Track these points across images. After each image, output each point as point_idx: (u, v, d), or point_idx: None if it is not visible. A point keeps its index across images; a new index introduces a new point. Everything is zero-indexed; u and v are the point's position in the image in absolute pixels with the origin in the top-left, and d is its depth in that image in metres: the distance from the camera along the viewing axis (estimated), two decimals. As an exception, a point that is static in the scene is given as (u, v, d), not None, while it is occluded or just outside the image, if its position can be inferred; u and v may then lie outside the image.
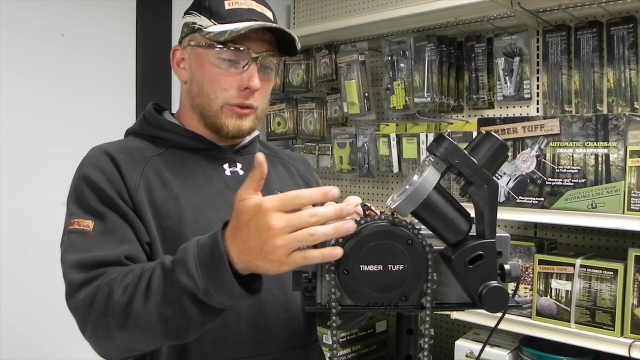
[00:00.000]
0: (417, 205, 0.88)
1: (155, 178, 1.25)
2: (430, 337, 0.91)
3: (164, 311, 0.99)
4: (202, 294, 0.96)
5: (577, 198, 1.90)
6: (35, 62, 2.48)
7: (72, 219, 1.19)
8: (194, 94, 1.31)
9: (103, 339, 1.08)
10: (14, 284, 2.42)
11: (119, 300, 1.02)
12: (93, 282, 1.08)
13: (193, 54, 1.30)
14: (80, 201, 1.21)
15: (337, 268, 0.89)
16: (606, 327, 1.90)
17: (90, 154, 1.28)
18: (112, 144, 1.31)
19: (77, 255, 1.13)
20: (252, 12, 1.28)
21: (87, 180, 1.21)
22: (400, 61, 2.69)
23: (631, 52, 2.13)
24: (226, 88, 1.26)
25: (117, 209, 1.19)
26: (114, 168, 1.23)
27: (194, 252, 0.98)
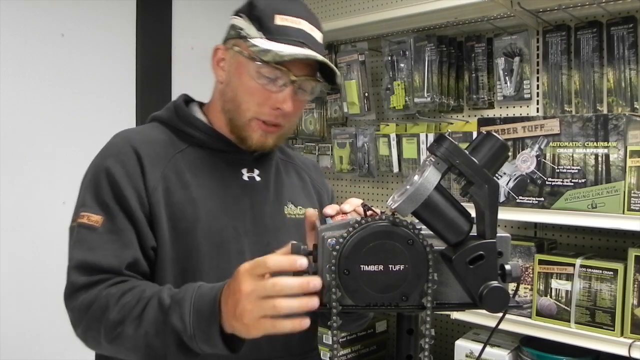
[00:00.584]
0: (417, 205, 0.88)
1: (175, 178, 1.25)
2: (430, 338, 0.91)
3: (150, 341, 1.07)
4: (187, 338, 1.03)
5: (577, 198, 1.90)
6: (35, 62, 2.48)
7: (84, 211, 1.20)
8: (226, 99, 1.30)
9: (92, 342, 1.16)
10: (13, 284, 2.41)
11: (113, 318, 1.08)
12: (93, 288, 1.13)
13: (234, 59, 1.29)
14: (96, 193, 1.21)
15: (338, 268, 0.89)
16: (606, 327, 1.90)
17: (114, 143, 1.28)
18: (138, 133, 1.31)
19: (82, 254, 1.16)
20: (301, 33, 1.25)
21: (108, 173, 1.22)
22: (400, 61, 2.69)
23: (631, 52, 2.13)
24: (259, 103, 1.25)
25: (128, 210, 1.19)
26: (137, 164, 1.23)
27: (191, 298, 1.04)
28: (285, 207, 1.37)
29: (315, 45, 1.27)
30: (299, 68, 1.24)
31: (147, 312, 1.07)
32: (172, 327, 1.04)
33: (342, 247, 0.89)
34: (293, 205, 1.38)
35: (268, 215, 1.33)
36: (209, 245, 1.23)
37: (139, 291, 1.11)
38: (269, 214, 1.33)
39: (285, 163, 1.46)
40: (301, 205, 1.40)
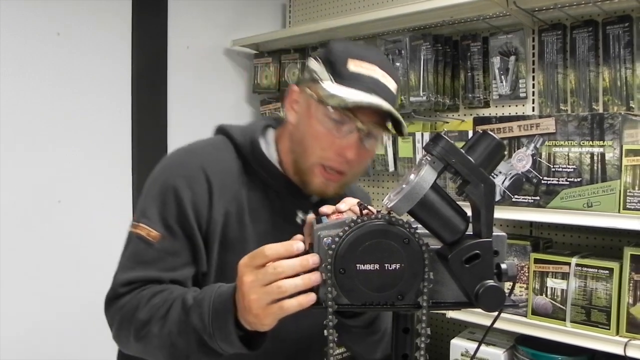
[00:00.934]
0: (413, 204, 0.87)
1: (235, 216, 1.27)
2: (427, 337, 0.91)
3: (174, 340, 1.10)
4: (207, 337, 1.06)
5: (573, 197, 1.90)
6: (31, 61, 2.47)
7: (145, 222, 1.23)
8: (294, 140, 1.29)
9: (124, 341, 1.20)
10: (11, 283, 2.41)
11: (141, 317, 1.13)
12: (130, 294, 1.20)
13: (305, 102, 1.27)
14: (161, 209, 1.23)
15: (334, 267, 0.89)
16: (602, 326, 1.90)
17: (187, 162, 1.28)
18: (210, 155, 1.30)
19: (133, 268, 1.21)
20: (372, 80, 1.23)
21: (176, 194, 1.23)
22: (396, 60, 2.68)
23: (627, 51, 2.13)
24: (323, 148, 1.24)
25: (189, 234, 1.22)
26: (206, 193, 1.24)
27: (211, 298, 1.07)
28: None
29: (387, 93, 1.23)
30: (367, 115, 1.21)
31: (171, 312, 1.11)
32: (192, 326, 1.07)
33: (337, 246, 0.89)
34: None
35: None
36: None
37: (167, 293, 1.16)
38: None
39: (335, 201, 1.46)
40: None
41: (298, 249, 0.95)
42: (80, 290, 2.59)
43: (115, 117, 2.74)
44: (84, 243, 2.62)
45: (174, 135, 2.94)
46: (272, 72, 3.21)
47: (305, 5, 3.26)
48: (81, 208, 2.63)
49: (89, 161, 2.65)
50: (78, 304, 2.57)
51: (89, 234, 2.64)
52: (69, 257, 2.58)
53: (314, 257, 0.93)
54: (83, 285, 2.60)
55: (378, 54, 1.29)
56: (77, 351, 2.57)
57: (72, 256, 2.59)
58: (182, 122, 2.99)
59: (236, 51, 3.27)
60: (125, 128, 2.78)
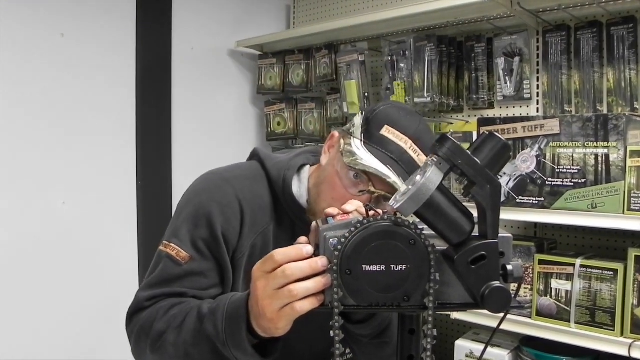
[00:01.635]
0: (419, 205, 0.87)
1: (260, 249, 1.30)
2: (433, 338, 0.91)
3: (189, 349, 1.13)
4: (221, 345, 1.08)
5: (577, 198, 1.90)
6: (35, 62, 2.48)
7: (176, 243, 1.27)
8: (315, 182, 1.34)
9: (141, 353, 1.22)
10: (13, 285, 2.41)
11: (158, 328, 1.16)
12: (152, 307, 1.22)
13: (335, 151, 1.31)
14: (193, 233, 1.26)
15: (340, 268, 0.89)
16: (606, 327, 1.90)
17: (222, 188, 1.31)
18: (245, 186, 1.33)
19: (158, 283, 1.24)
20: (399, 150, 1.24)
21: (209, 219, 1.26)
22: (400, 61, 2.69)
23: (631, 52, 2.13)
24: (334, 198, 1.26)
25: (218, 257, 1.26)
26: (239, 224, 1.28)
27: (225, 306, 1.09)
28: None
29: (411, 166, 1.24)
30: (381, 182, 1.23)
31: (186, 322, 1.13)
32: (206, 334, 1.09)
33: (344, 247, 0.89)
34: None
35: None
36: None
37: (185, 305, 1.18)
38: None
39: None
40: None
41: (307, 252, 0.95)
42: (85, 292, 2.60)
43: (119, 118, 2.74)
44: (88, 244, 2.63)
45: (178, 137, 2.95)
46: (276, 73, 3.22)
47: (310, 6, 3.26)
48: (85, 209, 2.63)
49: (93, 162, 2.65)
50: (82, 306, 2.58)
51: (92, 235, 2.64)
52: (72, 259, 2.58)
53: (323, 259, 0.93)
54: (87, 287, 2.61)
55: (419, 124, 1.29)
56: (82, 353, 2.58)
57: (75, 258, 2.59)
58: (186, 123, 3.00)
59: (240, 52, 3.28)
60: (129, 129, 2.79)
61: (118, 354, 1.41)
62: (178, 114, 2.97)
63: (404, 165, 1.23)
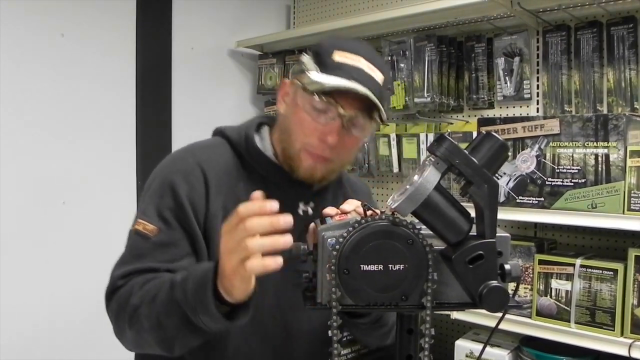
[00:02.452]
0: (417, 205, 0.88)
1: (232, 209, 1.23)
2: (430, 337, 0.91)
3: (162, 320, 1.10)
4: (190, 311, 1.06)
5: (577, 198, 1.90)
6: (35, 62, 2.48)
7: (143, 218, 1.25)
8: (282, 129, 1.33)
9: (121, 333, 1.21)
10: (14, 284, 2.42)
11: (134, 302, 1.14)
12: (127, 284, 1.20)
13: (293, 93, 1.30)
14: (158, 204, 1.25)
15: (338, 267, 0.89)
16: (606, 327, 1.90)
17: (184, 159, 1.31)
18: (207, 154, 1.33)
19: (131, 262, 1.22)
20: (356, 70, 1.23)
21: (173, 189, 1.25)
22: (400, 61, 2.69)
23: (631, 52, 2.13)
24: (306, 134, 1.26)
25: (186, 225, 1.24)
26: (203, 189, 1.26)
27: (194, 273, 1.08)
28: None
29: (371, 83, 1.23)
30: (349, 103, 1.22)
31: (159, 294, 1.11)
32: (176, 301, 1.07)
33: (342, 246, 0.89)
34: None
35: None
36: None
37: (159, 279, 1.16)
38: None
39: (337, 192, 1.45)
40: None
41: (271, 208, 0.95)
42: (85, 291, 2.59)
43: (119, 117, 2.74)
44: (88, 244, 2.63)
45: (179, 136, 2.95)
46: (276, 73, 3.21)
47: (310, 6, 3.26)
48: (86, 209, 2.63)
49: (94, 162, 2.65)
50: (82, 305, 2.58)
51: (93, 235, 2.64)
52: (73, 259, 2.58)
53: (287, 217, 0.94)
54: (87, 287, 2.60)
55: (366, 47, 1.30)
56: (82, 352, 2.58)
57: (76, 257, 2.59)
58: (186, 123, 2.99)
59: (240, 52, 3.28)
60: (129, 129, 2.79)
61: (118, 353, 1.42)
62: (178, 114, 2.97)
63: (365, 81, 1.22)
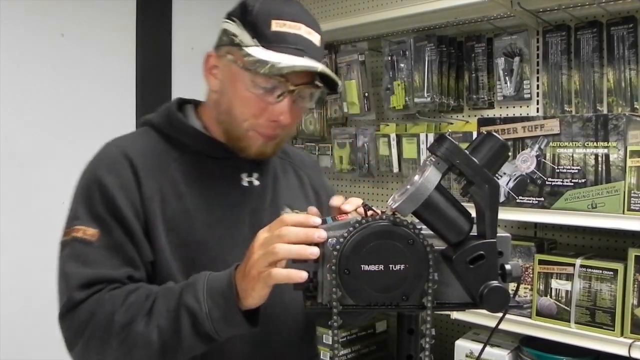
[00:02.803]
0: (418, 205, 0.88)
1: (171, 190, 1.20)
2: (431, 337, 0.91)
3: (163, 329, 1.05)
4: (202, 317, 1.03)
5: (577, 198, 1.90)
6: (35, 62, 2.48)
7: (78, 224, 1.15)
8: (221, 109, 1.24)
9: (94, 351, 1.09)
10: (13, 286, 2.41)
11: (121, 320, 1.06)
12: (91, 298, 1.10)
13: (227, 68, 1.21)
14: (89, 205, 1.16)
15: (338, 268, 0.89)
16: (606, 327, 1.90)
17: (107, 152, 1.23)
18: (131, 142, 1.26)
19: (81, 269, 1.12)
20: (299, 39, 1.17)
21: (100, 184, 1.17)
22: (400, 61, 2.69)
23: (631, 52, 2.13)
24: (256, 114, 1.19)
25: (124, 223, 1.15)
26: (131, 174, 1.18)
27: (204, 280, 1.05)
28: (282, 213, 1.31)
29: (315, 50, 1.20)
30: (297, 76, 1.17)
31: (157, 304, 1.06)
32: (186, 307, 1.03)
33: (342, 246, 0.89)
34: (290, 209, 1.34)
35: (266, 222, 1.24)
36: (207, 258, 1.19)
37: (145, 289, 1.10)
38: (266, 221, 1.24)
39: (283, 162, 1.41)
40: (298, 208, 1.35)
41: (314, 222, 0.96)
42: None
43: (119, 118, 2.74)
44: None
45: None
46: (276, 73, 3.21)
47: (310, 6, 3.26)
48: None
49: (94, 162, 2.65)
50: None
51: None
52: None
53: (321, 232, 0.94)
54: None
55: (299, 7, 1.22)
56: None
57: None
58: (186, 123, 2.99)
59: (240, 52, 3.27)
60: (129, 129, 2.75)
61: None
62: (178, 114, 2.97)
63: (310, 51, 1.18)
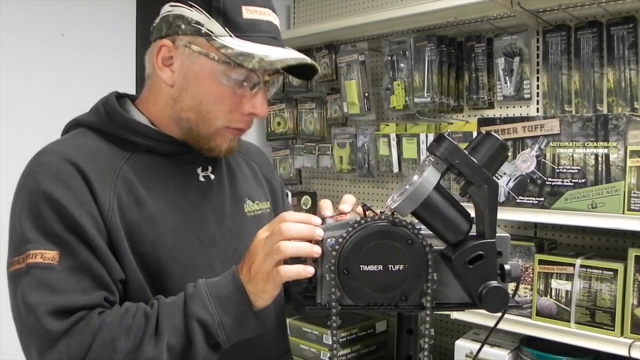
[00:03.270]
0: (417, 205, 0.88)
1: (128, 195, 1.09)
2: (430, 337, 0.91)
3: (174, 347, 0.99)
4: (215, 328, 0.99)
5: (577, 198, 1.90)
6: (35, 62, 2.48)
7: (32, 249, 1.00)
8: (184, 107, 1.14)
9: None
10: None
11: (124, 346, 0.97)
12: (73, 329, 0.98)
13: (192, 61, 1.11)
14: (41, 225, 1.01)
15: (338, 268, 0.89)
16: (606, 327, 1.90)
17: (47, 162, 1.08)
18: (71, 147, 1.12)
19: (50, 298, 0.98)
20: (271, 26, 1.12)
21: (50, 199, 1.02)
22: (400, 61, 2.69)
23: (631, 52, 2.13)
24: (230, 110, 1.12)
25: (87, 240, 1.02)
26: (83, 184, 1.05)
27: (205, 289, 1.01)
28: (245, 205, 1.27)
29: (279, 36, 1.15)
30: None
31: (162, 323, 0.99)
32: (197, 319, 0.98)
33: (341, 247, 0.89)
34: (250, 200, 1.29)
35: (229, 216, 1.23)
36: (177, 265, 1.11)
37: (138, 309, 1.01)
38: (229, 215, 1.23)
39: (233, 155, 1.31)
40: (257, 199, 1.31)
41: (315, 221, 0.97)
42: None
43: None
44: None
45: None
46: (276, 73, 3.21)
47: (310, 6, 3.26)
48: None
49: (94, 162, 2.65)
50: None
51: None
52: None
53: (321, 230, 0.95)
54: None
55: None
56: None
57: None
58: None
59: (240, 52, 3.27)
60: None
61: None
62: (178, 114, 2.97)
63: (279, 37, 1.14)
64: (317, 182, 3.26)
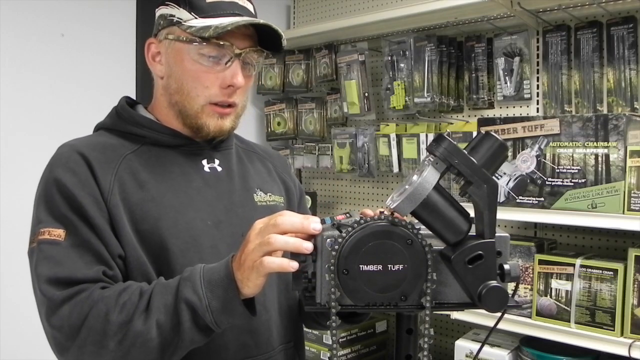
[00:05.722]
0: (416, 205, 0.88)
1: (131, 179, 1.19)
2: (430, 337, 0.91)
3: (163, 325, 1.04)
4: (202, 310, 1.02)
5: (577, 198, 1.90)
6: (35, 62, 2.48)
7: (42, 227, 1.13)
8: (172, 91, 1.26)
9: (90, 355, 1.06)
10: (14, 286, 2.42)
11: (117, 319, 1.03)
12: (75, 298, 1.06)
13: (171, 48, 1.24)
14: (50, 207, 1.14)
15: (337, 268, 0.89)
16: (606, 327, 1.90)
17: (60, 153, 1.22)
18: (83, 140, 1.26)
19: (52, 270, 1.09)
20: (234, 5, 1.23)
21: (58, 184, 1.15)
22: (400, 61, 2.69)
23: (631, 52, 2.13)
24: (208, 86, 1.22)
25: (88, 220, 1.12)
26: (87, 169, 1.17)
27: (200, 272, 1.05)
28: (255, 195, 1.34)
29: (251, 14, 1.25)
30: (240, 41, 1.21)
31: (154, 301, 1.05)
32: (185, 300, 1.03)
33: (341, 247, 0.89)
34: (262, 192, 1.36)
35: (238, 204, 1.29)
36: (179, 242, 1.18)
37: (136, 287, 1.08)
38: (239, 203, 1.30)
39: (247, 152, 1.43)
40: (270, 192, 1.38)
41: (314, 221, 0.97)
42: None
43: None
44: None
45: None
46: (276, 73, 3.22)
47: (310, 6, 3.26)
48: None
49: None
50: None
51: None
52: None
53: (317, 225, 0.96)
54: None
55: None
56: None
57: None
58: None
59: (240, 52, 3.27)
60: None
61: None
62: (178, 114, 2.97)
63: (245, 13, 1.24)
64: (317, 182, 3.26)
